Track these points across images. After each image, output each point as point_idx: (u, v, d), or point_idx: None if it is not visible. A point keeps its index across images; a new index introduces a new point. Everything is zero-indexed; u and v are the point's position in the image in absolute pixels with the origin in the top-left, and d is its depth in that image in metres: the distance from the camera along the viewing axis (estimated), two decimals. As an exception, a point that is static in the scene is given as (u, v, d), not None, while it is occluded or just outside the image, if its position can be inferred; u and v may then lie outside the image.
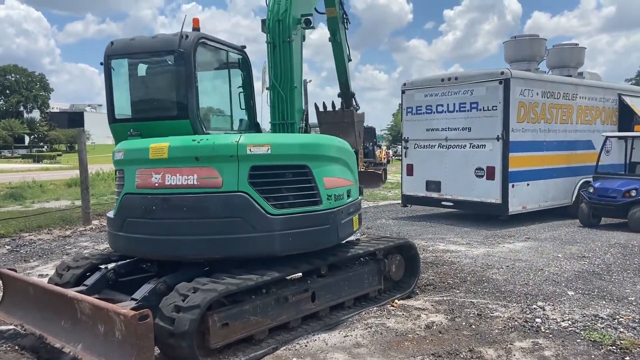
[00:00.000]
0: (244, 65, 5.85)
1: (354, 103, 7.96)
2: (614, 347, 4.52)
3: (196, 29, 5.08)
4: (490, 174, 10.63)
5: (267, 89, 6.20)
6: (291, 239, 4.72)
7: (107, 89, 5.37)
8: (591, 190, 10.76)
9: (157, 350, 4.23)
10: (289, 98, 6.01)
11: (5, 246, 9.46)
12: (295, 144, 4.92)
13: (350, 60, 7.90)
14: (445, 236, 9.93)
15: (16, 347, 4.79)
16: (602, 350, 4.48)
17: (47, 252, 9.01)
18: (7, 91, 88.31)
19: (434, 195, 11.67)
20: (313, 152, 4.95)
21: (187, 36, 4.90)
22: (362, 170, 22.33)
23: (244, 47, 5.78)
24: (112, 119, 5.40)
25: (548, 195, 11.54)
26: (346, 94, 7.92)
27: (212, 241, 4.57)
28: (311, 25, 6.25)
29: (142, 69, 5.33)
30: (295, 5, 6.07)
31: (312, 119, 7.43)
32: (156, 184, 4.67)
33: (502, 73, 10.43)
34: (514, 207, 10.66)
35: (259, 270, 4.71)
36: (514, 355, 4.42)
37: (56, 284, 5.16)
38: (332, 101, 7.70)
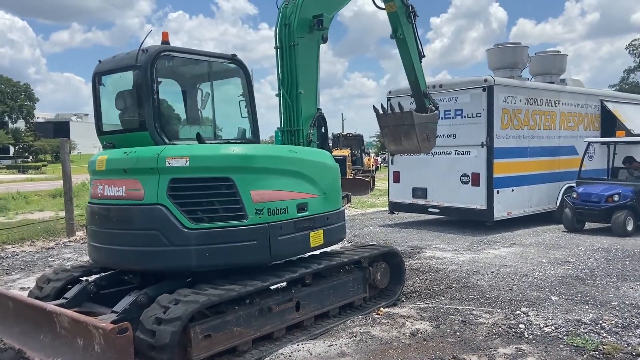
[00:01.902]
0: (238, 73, 5.66)
1: (429, 103, 7.53)
2: (596, 352, 4.54)
3: (165, 42, 5.07)
4: (475, 180, 10.70)
5: (276, 95, 6.17)
6: (208, 254, 4.56)
7: (94, 104, 5.49)
8: (575, 196, 10.86)
9: (138, 363, 4.19)
10: (295, 104, 5.98)
11: (-13, 259, 9.32)
12: (217, 156, 4.74)
13: (423, 56, 7.48)
14: (432, 243, 9.95)
15: (-5, 363, 4.69)
16: (585, 356, 4.50)
17: (29, 264, 8.89)
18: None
19: (421, 202, 11.71)
20: (239, 164, 4.74)
21: (146, 50, 4.89)
22: (350, 177, 22.41)
23: (234, 55, 5.61)
24: (99, 132, 5.53)
25: (532, 200, 11.62)
26: (417, 94, 7.54)
27: (133, 253, 4.64)
28: (323, 26, 6.07)
29: (116, 85, 5.36)
30: (304, 7, 5.99)
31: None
32: (99, 195, 4.90)
33: (486, 80, 10.53)
34: (499, 213, 10.72)
35: (242, 280, 4.69)
36: (498, 361, 4.43)
37: (36, 297, 5.09)
38: (390, 102, 7.40)
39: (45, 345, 4.33)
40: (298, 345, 4.84)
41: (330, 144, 27.73)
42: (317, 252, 5.72)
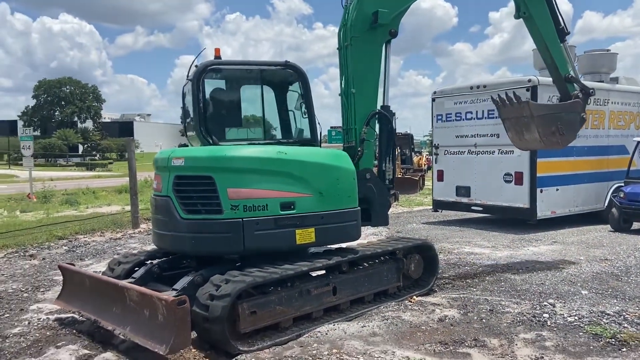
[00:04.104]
0: (295, 77, 6.12)
1: (575, 89, 6.81)
2: (613, 340, 4.81)
3: (217, 57, 5.81)
4: (518, 179, 10.87)
5: (339, 95, 6.47)
6: (194, 241, 5.24)
7: (182, 112, 6.39)
8: (622, 195, 10.82)
9: (194, 335, 4.84)
10: (348, 104, 6.28)
11: (63, 247, 10.36)
12: (202, 157, 5.38)
13: (567, 33, 6.68)
14: (472, 239, 10.22)
15: (74, 332, 5.48)
16: (601, 342, 4.78)
17: (100, 252, 9.82)
18: (63, 102, 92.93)
19: (464, 200, 11.97)
20: (218, 164, 5.23)
21: (196, 66, 5.68)
22: (399, 176, 22.68)
23: (287, 61, 6.03)
24: (184, 134, 6.44)
25: (578, 200, 11.63)
26: (558, 79, 6.84)
27: (159, 236, 5.62)
28: (378, 22, 6.10)
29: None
30: (361, 5, 6.14)
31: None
32: (152, 187, 5.88)
33: (529, 80, 10.66)
34: (542, 212, 10.84)
35: (285, 265, 5.27)
36: (516, 345, 4.78)
37: (108, 277, 5.87)
38: (506, 92, 6.74)
39: (117, 316, 5.06)
40: (334, 325, 5.34)
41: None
42: (354, 243, 6.22)
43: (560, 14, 6.64)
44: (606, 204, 11.96)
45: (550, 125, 6.50)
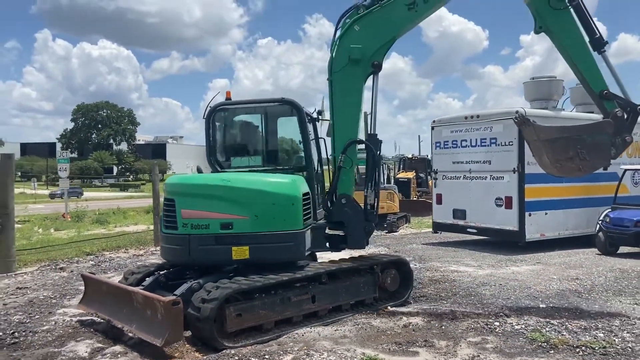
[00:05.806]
0: (289, 112, 7.08)
1: (613, 106, 6.18)
2: (545, 344, 5.52)
3: (228, 99, 7.02)
4: (508, 203, 11.58)
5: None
6: (166, 251, 6.52)
7: None
8: (607, 220, 11.38)
9: (189, 333, 5.77)
10: (330, 134, 7.13)
11: (90, 261, 11.50)
12: (171, 184, 6.60)
13: (605, 42, 6.19)
14: (462, 259, 10.93)
15: (92, 330, 6.48)
16: (534, 345, 5.51)
17: (122, 266, 10.86)
18: (99, 125, 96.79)
19: (460, 222, 12.70)
20: (178, 189, 6.45)
21: (210, 107, 6.82)
22: (414, 199, 23.41)
23: (283, 98, 7.01)
24: None
25: (569, 224, 12.22)
26: (592, 96, 6.42)
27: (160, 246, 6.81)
28: (351, 58, 6.62)
29: None
30: (341, 43, 6.80)
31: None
32: None
33: (517, 112, 11.39)
34: (531, 235, 11.49)
35: (270, 275, 6.17)
36: (460, 346, 5.55)
37: (122, 285, 6.89)
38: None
39: (126, 315, 6.04)
40: (311, 328, 6.17)
41: (397, 167, 28.37)
42: (336, 258, 7.09)
43: (593, 22, 6.16)
44: (597, 228, 12.47)
45: (567, 149, 6.08)
